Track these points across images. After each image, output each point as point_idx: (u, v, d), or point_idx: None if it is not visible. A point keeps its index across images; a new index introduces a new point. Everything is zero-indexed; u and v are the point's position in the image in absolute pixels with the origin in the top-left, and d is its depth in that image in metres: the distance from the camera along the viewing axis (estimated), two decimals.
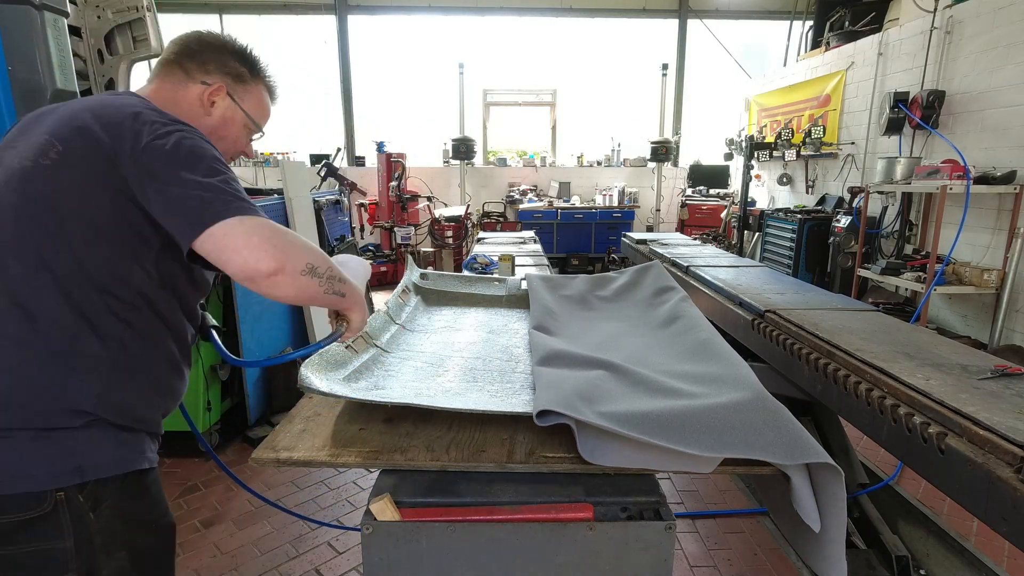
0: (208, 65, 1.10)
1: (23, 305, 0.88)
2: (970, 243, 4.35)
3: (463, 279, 2.25)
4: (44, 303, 0.88)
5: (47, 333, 0.88)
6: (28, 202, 0.90)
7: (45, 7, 3.32)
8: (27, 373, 0.87)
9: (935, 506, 2.48)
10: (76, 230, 0.90)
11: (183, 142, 0.91)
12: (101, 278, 0.91)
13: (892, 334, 1.60)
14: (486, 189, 8.47)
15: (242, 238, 0.86)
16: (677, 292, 1.87)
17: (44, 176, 0.90)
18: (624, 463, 1.03)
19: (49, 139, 0.91)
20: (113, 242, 0.92)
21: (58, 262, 0.89)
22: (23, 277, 0.88)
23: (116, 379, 0.93)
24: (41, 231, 0.89)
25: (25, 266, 0.88)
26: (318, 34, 8.36)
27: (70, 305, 0.89)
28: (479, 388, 1.34)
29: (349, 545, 2.33)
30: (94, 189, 0.90)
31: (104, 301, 0.92)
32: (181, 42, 1.12)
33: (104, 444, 0.92)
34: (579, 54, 8.63)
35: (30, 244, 0.89)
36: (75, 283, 0.90)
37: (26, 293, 0.88)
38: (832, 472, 0.97)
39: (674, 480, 2.78)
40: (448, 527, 0.97)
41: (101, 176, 0.90)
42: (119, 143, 0.90)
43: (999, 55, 4.16)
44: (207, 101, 1.10)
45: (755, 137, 6.93)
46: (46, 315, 0.88)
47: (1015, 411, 1.07)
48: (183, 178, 0.88)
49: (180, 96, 1.08)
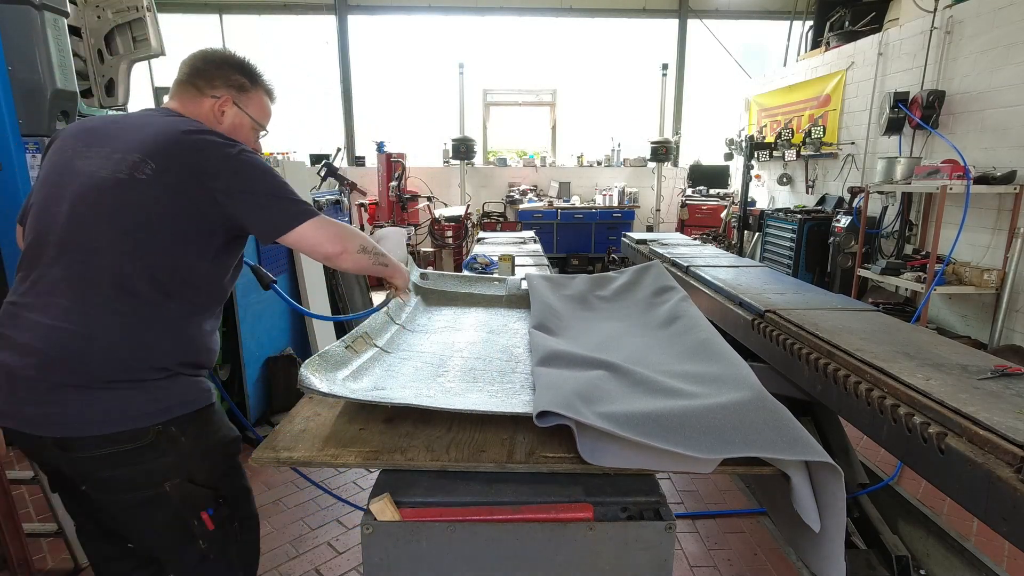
0: (214, 81, 1.33)
1: (123, 287, 1.13)
2: (970, 243, 4.35)
3: (463, 279, 2.25)
4: (138, 286, 1.14)
5: (140, 308, 1.15)
6: (125, 206, 1.14)
7: (45, 7, 3.32)
8: (126, 338, 1.13)
9: (935, 506, 2.48)
10: (162, 229, 1.15)
11: (251, 159, 1.21)
12: (178, 267, 1.18)
13: (892, 334, 1.60)
14: (486, 189, 8.47)
15: (317, 234, 1.23)
16: (677, 292, 1.87)
17: (140, 188, 1.13)
18: (624, 463, 1.03)
19: (142, 157, 1.14)
20: (189, 240, 1.19)
21: (148, 254, 1.15)
22: (121, 266, 1.13)
23: (185, 341, 1.22)
24: (136, 230, 1.14)
25: (124, 257, 1.13)
26: (318, 34, 8.35)
27: (155, 287, 1.16)
28: (479, 388, 1.34)
29: (349, 545, 2.33)
30: (180, 199, 1.15)
31: (179, 283, 1.19)
32: (189, 63, 1.35)
33: (180, 389, 1.21)
34: (579, 54, 8.62)
35: (127, 240, 1.14)
36: (160, 270, 1.16)
37: (125, 278, 1.13)
38: (832, 472, 0.97)
39: (674, 480, 2.78)
40: (448, 527, 0.98)
41: (188, 189, 1.15)
42: (206, 163, 1.16)
43: (999, 55, 4.16)
44: (218, 112, 1.34)
45: (755, 137, 6.93)
46: (140, 295, 1.14)
47: (1015, 411, 1.07)
48: (264, 191, 1.20)
49: (196, 110, 1.32)
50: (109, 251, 1.13)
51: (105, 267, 1.12)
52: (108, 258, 1.13)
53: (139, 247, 1.14)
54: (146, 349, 1.15)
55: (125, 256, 1.13)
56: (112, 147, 1.18)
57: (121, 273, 1.13)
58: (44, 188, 1.22)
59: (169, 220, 1.15)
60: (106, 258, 1.13)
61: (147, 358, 1.15)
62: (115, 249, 1.13)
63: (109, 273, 1.12)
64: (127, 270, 1.13)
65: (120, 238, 1.13)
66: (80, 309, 1.11)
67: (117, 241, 1.13)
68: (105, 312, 1.12)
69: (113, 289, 1.12)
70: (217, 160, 1.17)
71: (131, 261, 1.13)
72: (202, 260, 1.22)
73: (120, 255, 1.13)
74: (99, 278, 1.12)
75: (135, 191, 1.13)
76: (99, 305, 1.12)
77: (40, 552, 2.26)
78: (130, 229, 1.14)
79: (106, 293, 1.12)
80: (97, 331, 1.11)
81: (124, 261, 1.13)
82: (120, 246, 1.13)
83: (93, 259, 1.13)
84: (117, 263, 1.13)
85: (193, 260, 1.20)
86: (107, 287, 1.12)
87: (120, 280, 1.13)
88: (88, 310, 1.11)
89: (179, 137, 1.17)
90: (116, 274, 1.12)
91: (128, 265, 1.13)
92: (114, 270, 1.12)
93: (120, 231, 1.13)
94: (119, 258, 1.13)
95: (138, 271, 1.13)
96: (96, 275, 1.12)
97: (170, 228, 1.16)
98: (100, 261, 1.12)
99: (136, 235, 1.14)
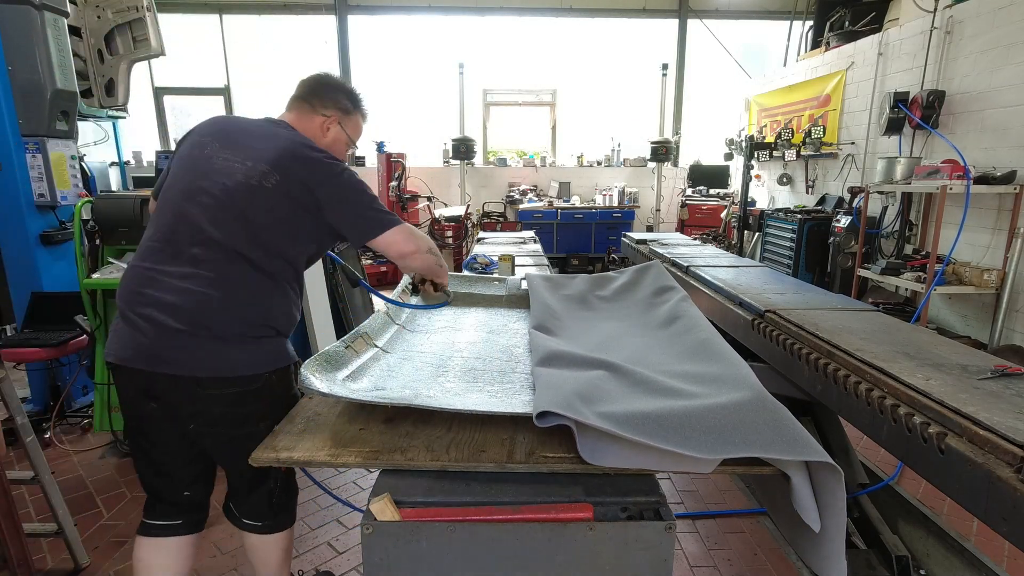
0: (327, 102, 1.65)
1: (250, 266, 1.43)
2: (970, 243, 4.35)
3: (463, 279, 2.25)
4: (259, 266, 1.44)
5: (260, 282, 1.45)
6: (253, 206, 1.44)
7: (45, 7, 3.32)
8: (252, 304, 1.43)
9: (935, 506, 2.48)
10: (279, 226, 1.46)
11: (352, 178, 1.51)
12: (287, 254, 1.50)
13: (892, 334, 1.60)
14: (486, 189, 8.47)
15: (397, 239, 1.54)
16: (677, 292, 1.87)
17: (266, 193, 1.44)
18: (624, 463, 1.03)
19: (270, 169, 1.44)
20: (297, 236, 1.50)
21: (267, 243, 1.45)
22: (249, 251, 1.42)
23: (285, 309, 1.52)
24: (261, 225, 1.44)
25: (250, 244, 1.43)
26: (318, 34, 8.35)
27: (270, 266, 1.46)
28: (479, 388, 1.34)
29: (349, 545, 2.33)
30: (295, 206, 1.46)
31: (284, 265, 1.50)
32: (308, 84, 1.68)
33: (280, 347, 1.51)
34: (579, 54, 8.62)
35: (253, 232, 1.43)
36: (275, 254, 1.47)
37: (251, 260, 1.43)
38: (832, 472, 0.97)
39: (674, 480, 2.78)
40: (448, 527, 0.97)
41: (301, 199, 1.46)
42: (317, 180, 1.47)
43: (999, 55, 4.16)
44: (325, 128, 1.65)
45: (755, 137, 6.93)
46: (260, 273, 1.44)
47: (1015, 411, 1.07)
48: (359, 203, 1.51)
49: (307, 124, 1.63)
50: (241, 239, 1.42)
51: (238, 250, 1.41)
52: (240, 244, 1.42)
53: (261, 237, 1.44)
54: (264, 313, 1.46)
55: (252, 243, 1.43)
56: (245, 155, 1.47)
57: (249, 256, 1.42)
58: (185, 176, 1.49)
59: (285, 220, 1.47)
60: (239, 244, 1.42)
61: (264, 320, 1.46)
62: (244, 237, 1.42)
63: (240, 255, 1.42)
64: (252, 255, 1.43)
65: (248, 230, 1.43)
66: (220, 282, 1.40)
67: (246, 232, 1.42)
68: (238, 284, 1.41)
69: (243, 267, 1.42)
70: (325, 178, 1.48)
71: (256, 248, 1.43)
72: (301, 252, 1.54)
73: (248, 242, 1.42)
74: (233, 258, 1.41)
75: (262, 195, 1.43)
76: (234, 279, 1.41)
77: (40, 552, 2.26)
78: (256, 224, 1.43)
79: (239, 270, 1.42)
80: (232, 298, 1.40)
81: (251, 247, 1.43)
82: (248, 236, 1.43)
83: (229, 243, 1.41)
84: (245, 248, 1.42)
85: (296, 251, 1.52)
86: (239, 265, 1.42)
87: (248, 261, 1.43)
88: (226, 282, 1.40)
89: (298, 155, 1.48)
90: (245, 257, 1.42)
91: (253, 251, 1.43)
92: (244, 253, 1.42)
93: (249, 224, 1.43)
94: (247, 244, 1.42)
95: (259, 256, 1.44)
96: (231, 256, 1.41)
97: (285, 226, 1.47)
98: (234, 245, 1.41)
99: (260, 229, 1.44)
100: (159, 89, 8.29)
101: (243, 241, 1.42)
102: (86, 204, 2.89)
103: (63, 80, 3.41)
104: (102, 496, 2.68)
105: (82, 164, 3.72)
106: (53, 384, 3.41)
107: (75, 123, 3.61)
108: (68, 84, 3.46)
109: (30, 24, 3.27)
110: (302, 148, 1.50)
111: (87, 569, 2.18)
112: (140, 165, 7.46)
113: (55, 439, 3.19)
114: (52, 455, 3.03)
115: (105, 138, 4.46)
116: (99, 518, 2.51)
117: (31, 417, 2.87)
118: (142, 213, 2.85)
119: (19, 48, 3.26)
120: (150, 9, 4.16)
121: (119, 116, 4.43)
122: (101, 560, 2.23)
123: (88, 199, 2.93)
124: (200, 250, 1.40)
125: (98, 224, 2.89)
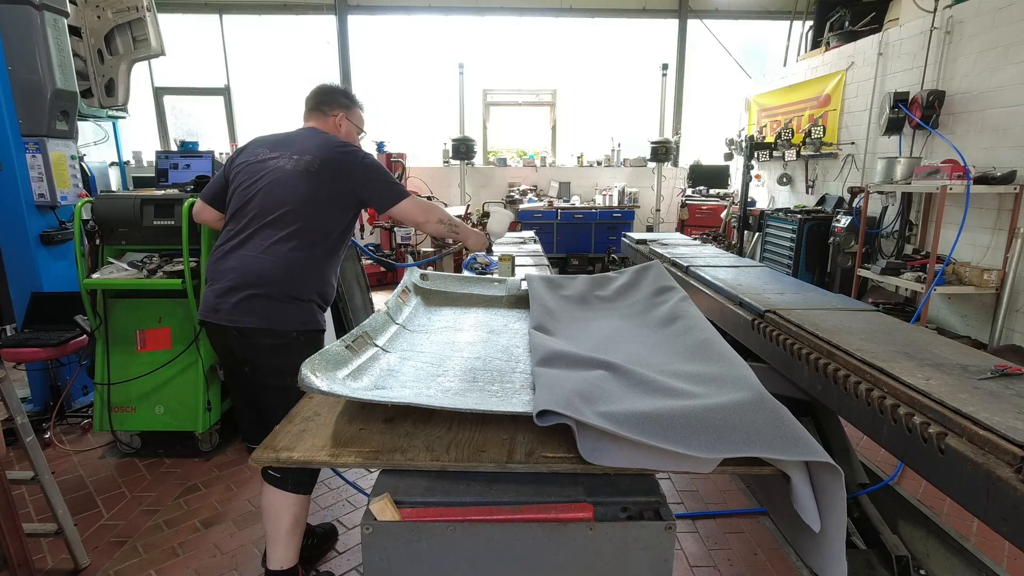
0: (332, 104, 2.09)
1: (298, 237, 1.82)
2: (970, 243, 4.35)
3: (463, 279, 2.25)
4: (305, 237, 1.83)
5: (305, 250, 1.83)
6: (301, 187, 1.84)
7: (45, 7, 3.32)
8: (298, 270, 1.82)
9: (935, 506, 2.48)
10: (322, 203, 1.87)
11: (372, 160, 1.97)
12: (327, 228, 1.90)
13: (892, 334, 1.60)
14: (486, 189, 8.47)
15: (411, 208, 1.99)
16: (677, 292, 1.87)
17: (311, 177, 1.86)
18: (624, 463, 1.02)
19: (313, 158, 1.87)
20: (336, 213, 1.92)
21: (313, 217, 1.85)
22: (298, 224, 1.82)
23: (323, 278, 1.91)
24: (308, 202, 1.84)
25: (300, 218, 1.82)
26: (318, 34, 8.34)
27: (312, 239, 1.85)
28: (479, 388, 1.34)
29: (349, 545, 2.33)
30: (334, 185, 1.89)
31: (323, 238, 1.88)
32: (314, 96, 2.10)
33: (314, 312, 1.88)
34: (579, 54, 8.62)
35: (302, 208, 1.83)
36: (318, 229, 1.87)
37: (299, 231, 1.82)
38: (832, 472, 0.97)
39: (674, 480, 2.78)
40: (448, 527, 0.97)
41: (337, 180, 1.89)
42: (349, 166, 1.91)
43: (999, 55, 4.16)
44: (337, 124, 2.09)
45: (755, 137, 6.93)
46: (306, 242, 1.83)
47: (1015, 411, 1.07)
48: (380, 180, 1.97)
49: (326, 126, 2.08)
50: (292, 215, 1.81)
51: (288, 224, 1.80)
52: (291, 219, 1.80)
53: (308, 212, 1.82)
54: (306, 278, 1.83)
55: (301, 218, 1.81)
56: (292, 150, 1.90)
57: (297, 229, 1.80)
58: (244, 175, 1.91)
59: (325, 197, 1.86)
60: (289, 219, 1.80)
61: (306, 285, 1.83)
62: (295, 213, 1.81)
63: (290, 228, 1.80)
64: (300, 226, 1.81)
65: (298, 206, 1.81)
66: (273, 248, 1.78)
67: (296, 208, 1.81)
68: (288, 252, 1.79)
69: (292, 238, 1.80)
70: (353, 163, 1.92)
71: (303, 221, 1.81)
72: (338, 224, 1.93)
73: (298, 217, 1.81)
74: (284, 231, 1.80)
75: (308, 179, 1.84)
76: (285, 247, 1.79)
77: (40, 552, 2.26)
78: (304, 201, 1.82)
79: (289, 241, 1.80)
80: (280, 263, 1.78)
81: (300, 221, 1.81)
82: (298, 211, 1.81)
83: (281, 220, 1.80)
84: (295, 222, 1.80)
85: (334, 224, 1.91)
86: (289, 237, 1.80)
87: (296, 233, 1.80)
88: (277, 250, 1.79)
89: (331, 148, 1.92)
90: (295, 229, 1.80)
91: (302, 223, 1.81)
92: (293, 226, 1.80)
93: (299, 202, 1.82)
94: (297, 219, 1.81)
95: (305, 228, 1.81)
96: (282, 229, 1.80)
97: (326, 202, 1.87)
98: (286, 220, 1.80)
99: (307, 205, 1.82)
100: (159, 89, 8.28)
101: (294, 216, 1.80)
102: (86, 204, 2.89)
103: (63, 80, 3.42)
104: (102, 496, 2.68)
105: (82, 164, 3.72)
106: (53, 384, 3.42)
107: (75, 123, 3.61)
108: (68, 84, 3.46)
109: (30, 24, 3.27)
110: (334, 141, 1.95)
111: (87, 569, 2.18)
112: (140, 165, 7.46)
113: (55, 439, 3.19)
114: (52, 455, 3.03)
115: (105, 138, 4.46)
116: (99, 518, 2.52)
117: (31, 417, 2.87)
118: (142, 213, 2.85)
119: (19, 48, 3.26)
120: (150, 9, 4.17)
121: (119, 116, 4.43)
122: (101, 560, 2.24)
123: (88, 199, 2.93)
124: (257, 225, 1.80)
125: (98, 224, 2.89)
